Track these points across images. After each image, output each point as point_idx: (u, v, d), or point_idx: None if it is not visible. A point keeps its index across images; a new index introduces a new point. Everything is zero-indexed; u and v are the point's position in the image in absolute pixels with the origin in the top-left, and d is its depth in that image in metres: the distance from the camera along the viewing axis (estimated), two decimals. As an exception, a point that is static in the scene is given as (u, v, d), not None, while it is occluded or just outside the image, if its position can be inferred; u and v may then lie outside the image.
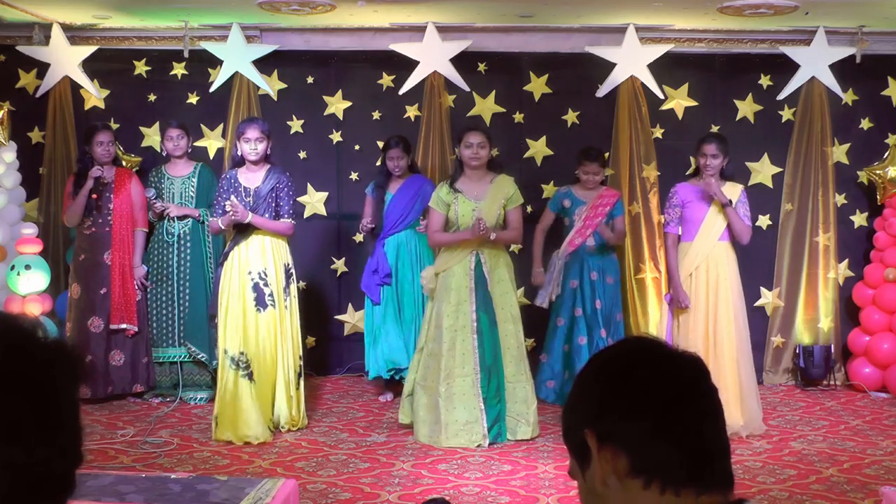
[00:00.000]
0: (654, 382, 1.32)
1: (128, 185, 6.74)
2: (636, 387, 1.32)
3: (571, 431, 1.37)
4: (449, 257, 5.87)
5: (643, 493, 1.29)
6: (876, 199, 7.47)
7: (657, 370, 1.34)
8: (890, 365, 7.08)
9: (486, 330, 5.77)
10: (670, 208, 6.14)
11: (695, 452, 1.31)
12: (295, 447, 5.67)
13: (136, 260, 6.75)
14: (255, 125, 5.95)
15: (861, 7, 6.77)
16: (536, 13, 7.06)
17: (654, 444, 1.30)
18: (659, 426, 1.30)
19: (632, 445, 1.30)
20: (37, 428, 0.97)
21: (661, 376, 1.33)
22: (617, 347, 1.43)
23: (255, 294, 5.82)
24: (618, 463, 1.30)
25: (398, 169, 6.76)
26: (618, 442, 1.30)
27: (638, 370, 1.34)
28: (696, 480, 1.30)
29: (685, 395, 1.33)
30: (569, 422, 1.39)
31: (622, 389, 1.32)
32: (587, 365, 1.41)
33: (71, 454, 1.02)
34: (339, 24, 7.40)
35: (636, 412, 1.30)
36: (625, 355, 1.39)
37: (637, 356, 1.37)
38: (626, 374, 1.34)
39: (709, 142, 6.06)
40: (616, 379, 1.34)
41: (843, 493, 4.87)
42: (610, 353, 1.41)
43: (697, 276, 5.99)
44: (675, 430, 1.31)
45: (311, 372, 7.37)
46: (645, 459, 1.30)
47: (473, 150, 5.84)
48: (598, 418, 1.32)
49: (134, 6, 6.99)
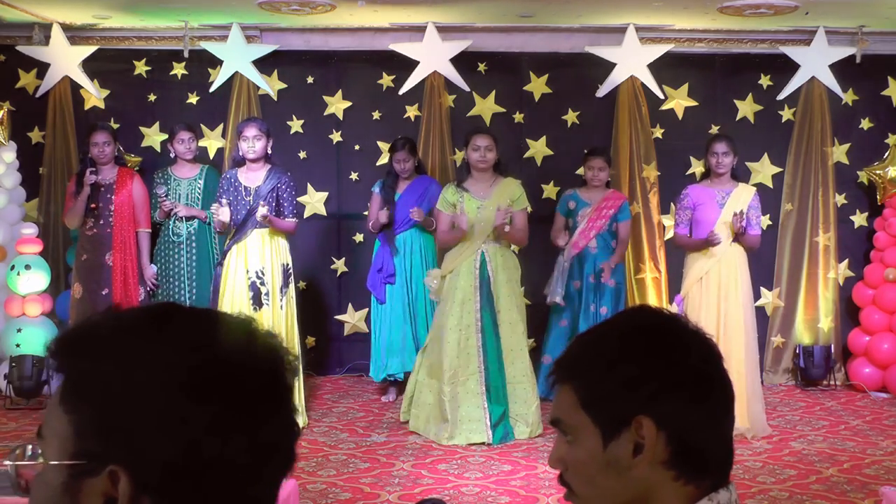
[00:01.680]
0: (711, 371, 1.29)
1: (129, 186, 6.69)
2: (697, 375, 1.28)
3: (607, 401, 1.27)
4: (455, 257, 5.91)
5: (671, 483, 1.26)
6: (876, 199, 7.47)
7: (709, 358, 1.30)
8: (890, 365, 7.08)
9: (490, 329, 5.79)
10: (681, 210, 6.13)
11: (730, 448, 1.31)
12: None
13: (145, 260, 6.69)
14: (254, 124, 5.98)
15: (861, 7, 6.77)
16: (536, 13, 7.06)
17: (704, 437, 1.27)
18: (713, 418, 1.28)
19: (683, 436, 1.25)
20: (266, 412, 1.03)
21: (714, 365, 1.30)
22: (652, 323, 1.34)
23: (252, 293, 5.83)
24: (663, 451, 1.25)
25: (405, 171, 6.76)
26: (671, 430, 1.25)
27: (692, 354, 1.29)
28: (720, 474, 1.29)
29: (730, 395, 1.32)
30: (604, 389, 1.28)
31: (684, 376, 1.27)
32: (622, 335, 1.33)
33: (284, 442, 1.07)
34: (339, 24, 7.40)
35: (697, 402, 1.27)
36: (671, 334, 1.31)
37: (681, 336, 1.31)
38: (683, 358, 1.28)
39: (719, 140, 6.09)
40: (675, 363, 1.28)
41: (843, 493, 4.87)
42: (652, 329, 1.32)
43: (709, 278, 5.99)
44: (724, 425, 1.29)
45: (311, 372, 7.38)
46: (690, 451, 1.26)
47: (481, 153, 5.89)
48: (656, 404, 1.25)
49: (134, 6, 6.99)
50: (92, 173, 6.58)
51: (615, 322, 1.38)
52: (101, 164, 6.67)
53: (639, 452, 1.25)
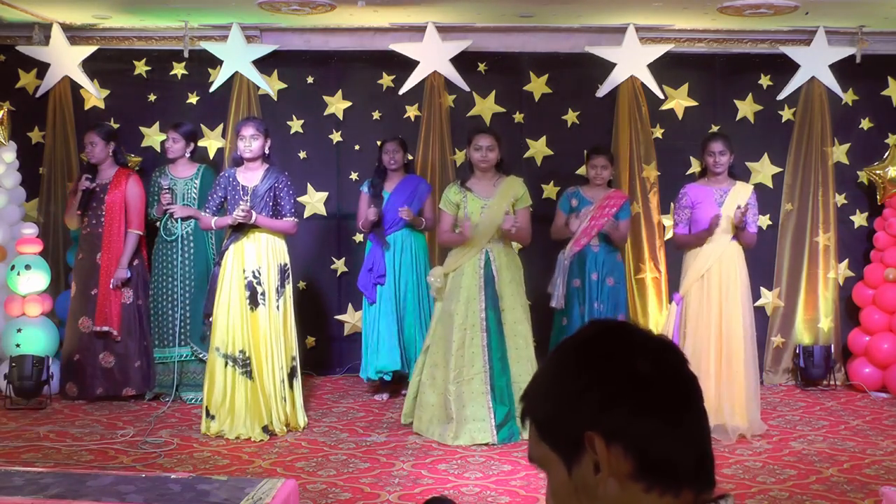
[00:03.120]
0: (660, 375, 1.24)
1: (123, 186, 6.65)
2: (641, 381, 1.22)
3: (556, 424, 1.25)
4: (459, 256, 5.91)
5: (644, 496, 1.21)
6: (876, 199, 7.47)
7: (658, 361, 1.25)
8: (890, 365, 7.08)
9: (495, 329, 5.79)
10: (680, 209, 6.14)
11: (700, 451, 1.26)
12: (295, 447, 5.67)
13: (123, 261, 6.60)
14: (251, 123, 5.98)
15: (861, 7, 6.77)
16: (536, 13, 7.06)
17: (663, 444, 1.22)
18: (669, 423, 1.22)
19: (640, 446, 1.21)
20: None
21: (664, 368, 1.25)
22: (593, 334, 1.29)
23: (249, 292, 5.83)
24: (622, 464, 1.21)
25: (394, 162, 6.78)
26: (625, 442, 1.20)
27: (637, 361, 1.23)
28: (697, 480, 1.24)
29: (691, 389, 1.26)
30: (549, 413, 1.26)
31: (626, 384, 1.22)
32: (564, 353, 1.29)
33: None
34: (338, 24, 7.40)
35: (646, 410, 1.21)
36: (612, 343, 1.27)
37: (625, 344, 1.26)
38: (625, 365, 1.23)
39: (716, 139, 6.09)
40: (616, 372, 1.23)
41: (843, 493, 4.87)
42: (591, 341, 1.28)
43: (709, 276, 5.99)
44: (685, 428, 1.24)
45: (311, 372, 7.38)
46: (653, 460, 1.21)
47: (483, 152, 5.89)
48: (601, 417, 1.21)
49: (134, 6, 6.99)
50: (88, 179, 6.56)
51: (560, 343, 1.33)
52: (99, 166, 6.66)
53: (599, 471, 1.21)
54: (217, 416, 5.84)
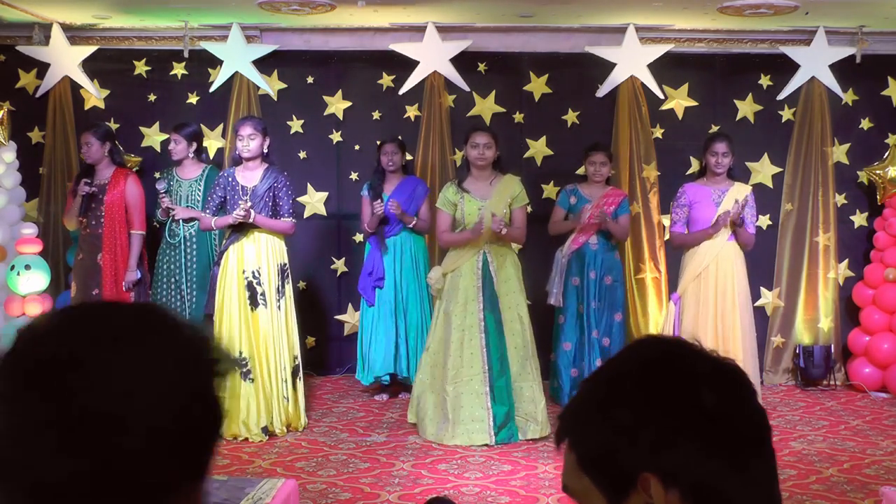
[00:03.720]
0: (727, 410, 1.09)
1: (121, 186, 6.61)
2: (707, 417, 1.08)
3: (604, 459, 1.11)
4: (457, 257, 5.91)
5: None
6: (876, 199, 7.47)
7: (725, 393, 1.10)
8: (890, 365, 7.08)
9: (493, 329, 5.79)
10: (678, 208, 6.14)
11: (768, 498, 1.12)
12: (295, 447, 5.67)
13: (131, 263, 6.58)
14: (249, 122, 5.97)
15: (861, 7, 6.77)
16: (536, 13, 7.06)
17: (727, 489, 1.08)
18: (735, 466, 1.08)
19: (700, 491, 1.07)
20: None
21: (732, 401, 1.10)
22: (653, 358, 1.15)
23: (249, 293, 5.83)
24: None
25: (392, 164, 6.78)
26: (684, 487, 1.06)
27: (702, 392, 1.09)
28: None
29: (761, 427, 1.12)
30: (597, 446, 1.12)
31: (689, 420, 1.07)
32: (618, 376, 1.15)
33: None
34: (338, 24, 7.40)
35: (710, 450, 1.07)
36: (674, 369, 1.12)
37: (688, 371, 1.12)
38: (689, 398, 1.09)
39: (719, 140, 6.09)
40: (678, 405, 1.09)
41: (843, 493, 4.87)
42: (651, 367, 1.13)
43: (706, 276, 5.99)
44: (752, 471, 1.10)
45: (311, 372, 7.38)
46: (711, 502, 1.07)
47: (479, 150, 5.88)
48: (659, 456, 1.07)
49: (134, 6, 6.99)
50: (87, 183, 6.53)
51: (612, 360, 1.21)
52: (96, 166, 6.64)
53: None
54: None
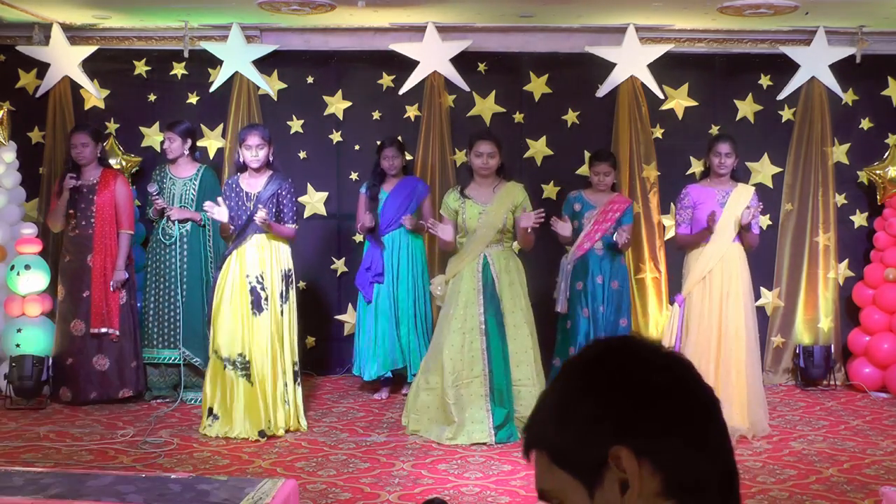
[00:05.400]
0: (678, 388, 1.20)
1: (112, 187, 6.61)
2: (661, 395, 1.18)
3: (576, 449, 1.19)
4: (458, 262, 5.93)
5: None
6: (876, 199, 7.47)
7: (673, 374, 1.21)
8: (890, 365, 7.08)
9: (495, 332, 5.79)
10: (682, 209, 6.13)
11: (726, 466, 1.21)
12: (295, 447, 5.67)
13: (119, 263, 6.58)
14: (257, 132, 5.93)
15: (861, 7, 6.77)
16: (536, 13, 7.06)
17: (690, 460, 1.17)
18: (694, 438, 1.18)
19: (666, 462, 1.15)
20: None
21: (681, 381, 1.20)
22: (599, 353, 1.25)
23: (252, 297, 5.83)
24: (651, 481, 1.15)
25: (393, 168, 6.82)
26: (652, 457, 1.15)
27: (651, 375, 1.19)
28: (723, 497, 1.19)
29: (711, 402, 1.21)
30: (567, 439, 1.20)
31: (646, 399, 1.17)
32: (571, 377, 1.24)
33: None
34: (338, 24, 7.40)
35: (670, 424, 1.16)
36: (622, 359, 1.22)
37: (635, 359, 1.22)
38: (641, 380, 1.19)
39: (723, 141, 6.09)
40: (633, 387, 1.18)
41: (843, 493, 4.87)
42: (599, 360, 1.23)
43: (711, 278, 5.99)
44: (710, 442, 1.19)
45: (311, 372, 7.38)
46: (680, 477, 1.16)
47: (483, 159, 5.90)
48: (626, 433, 1.15)
49: (134, 6, 6.99)
50: (72, 178, 6.53)
51: (563, 369, 1.28)
52: (82, 166, 6.64)
53: (626, 490, 1.15)
54: (220, 416, 5.84)
